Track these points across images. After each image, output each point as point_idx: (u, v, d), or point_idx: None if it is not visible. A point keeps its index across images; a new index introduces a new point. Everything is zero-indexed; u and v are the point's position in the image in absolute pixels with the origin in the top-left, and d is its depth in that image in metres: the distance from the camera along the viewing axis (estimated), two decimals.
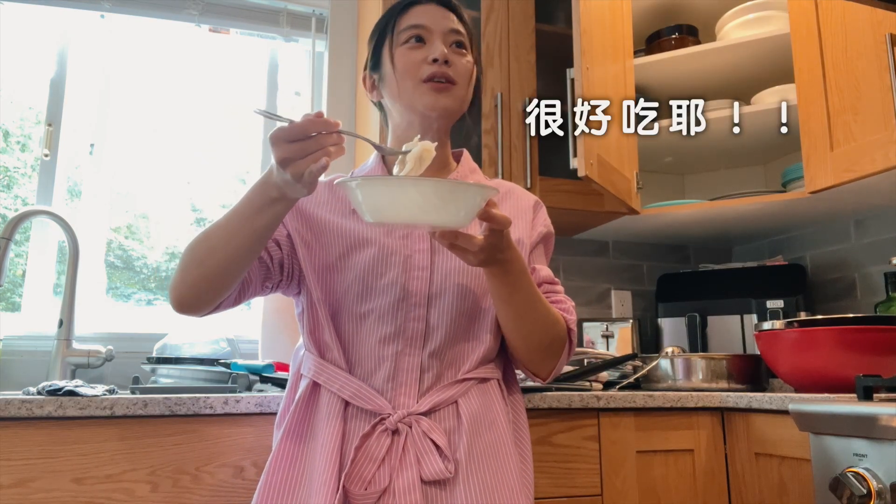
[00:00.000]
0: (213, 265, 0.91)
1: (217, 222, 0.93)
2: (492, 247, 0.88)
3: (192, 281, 0.93)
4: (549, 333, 1.01)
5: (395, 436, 0.93)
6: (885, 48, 1.48)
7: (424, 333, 0.99)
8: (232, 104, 2.19)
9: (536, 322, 0.99)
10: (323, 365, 0.99)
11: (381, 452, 0.91)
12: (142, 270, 2.05)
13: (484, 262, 0.90)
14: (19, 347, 1.72)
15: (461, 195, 0.82)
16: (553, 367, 1.05)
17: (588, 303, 2.28)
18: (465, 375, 0.99)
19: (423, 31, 1.07)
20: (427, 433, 0.93)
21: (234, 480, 1.17)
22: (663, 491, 1.44)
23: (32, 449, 1.09)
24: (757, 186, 2.31)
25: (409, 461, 0.91)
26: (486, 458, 0.95)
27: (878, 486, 1.00)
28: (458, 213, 0.82)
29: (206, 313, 0.98)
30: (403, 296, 0.99)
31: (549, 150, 1.98)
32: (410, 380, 0.97)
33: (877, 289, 1.89)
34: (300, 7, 2.15)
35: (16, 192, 1.97)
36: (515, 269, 0.94)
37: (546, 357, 1.04)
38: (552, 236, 1.18)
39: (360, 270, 1.00)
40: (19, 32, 1.98)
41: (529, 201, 1.16)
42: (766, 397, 1.36)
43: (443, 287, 1.01)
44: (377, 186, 0.84)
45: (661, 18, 2.19)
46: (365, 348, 0.99)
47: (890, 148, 1.49)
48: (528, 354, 1.03)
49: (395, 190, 0.83)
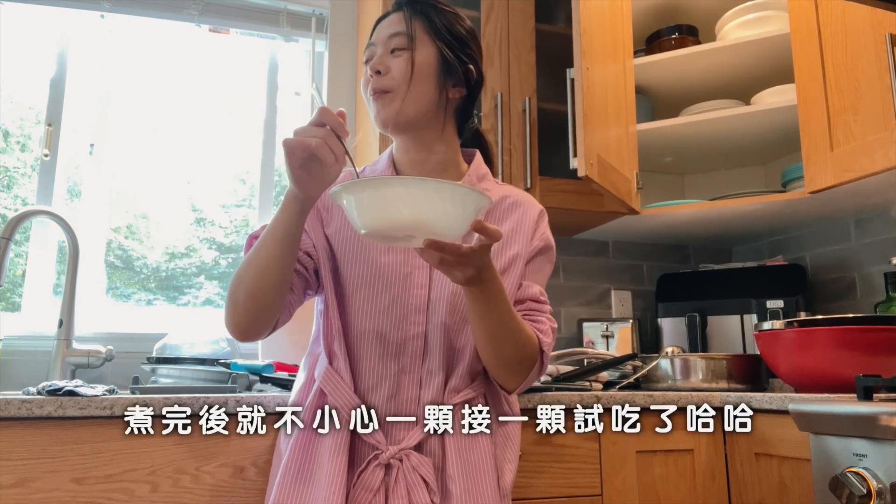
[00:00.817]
0: (253, 284, 0.96)
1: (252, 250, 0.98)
2: (479, 262, 0.87)
3: (243, 308, 0.98)
4: (519, 352, 1.02)
5: (387, 469, 0.98)
6: (885, 48, 1.48)
7: (423, 351, 1.03)
8: (232, 104, 2.19)
9: (508, 341, 1.00)
10: (330, 373, 1.03)
11: (376, 483, 0.98)
12: (142, 270, 2.05)
13: (470, 280, 0.89)
14: (19, 347, 1.72)
15: (464, 199, 0.79)
16: (519, 384, 1.07)
17: (588, 303, 2.29)
18: (452, 401, 1.02)
19: (372, 49, 1.09)
20: (416, 468, 0.98)
21: (234, 480, 1.17)
22: (663, 491, 1.44)
23: (32, 449, 1.08)
24: (757, 186, 2.31)
25: (401, 492, 0.97)
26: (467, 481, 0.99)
27: (878, 485, 1.00)
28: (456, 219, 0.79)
29: (268, 334, 1.03)
30: (404, 314, 1.03)
31: (549, 150, 1.98)
32: (410, 396, 1.02)
33: (877, 289, 1.89)
34: (300, 7, 2.16)
35: (16, 192, 1.97)
36: (493, 289, 0.93)
37: (514, 374, 1.05)
38: (550, 249, 1.16)
39: (364, 291, 1.04)
40: (19, 32, 1.98)
41: (535, 213, 1.15)
42: (766, 397, 1.36)
43: (438, 304, 1.04)
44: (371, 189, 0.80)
45: (661, 18, 2.19)
46: (367, 365, 1.03)
47: (890, 148, 1.49)
48: (497, 368, 1.04)
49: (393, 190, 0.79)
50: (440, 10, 1.10)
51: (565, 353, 1.73)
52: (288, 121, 2.17)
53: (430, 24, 1.07)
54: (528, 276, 1.12)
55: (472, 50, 1.12)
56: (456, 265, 0.86)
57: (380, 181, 0.82)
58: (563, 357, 1.71)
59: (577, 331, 2.20)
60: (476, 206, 0.81)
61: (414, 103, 1.05)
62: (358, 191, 0.80)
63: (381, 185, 0.80)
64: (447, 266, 0.87)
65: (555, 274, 2.26)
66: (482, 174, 1.16)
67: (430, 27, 1.07)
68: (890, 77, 1.47)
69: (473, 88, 1.13)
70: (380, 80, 1.05)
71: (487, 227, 0.83)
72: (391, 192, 0.78)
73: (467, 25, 1.13)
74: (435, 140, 1.10)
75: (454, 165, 1.13)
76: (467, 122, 1.16)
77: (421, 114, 1.06)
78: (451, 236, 0.82)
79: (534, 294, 1.10)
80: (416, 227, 0.80)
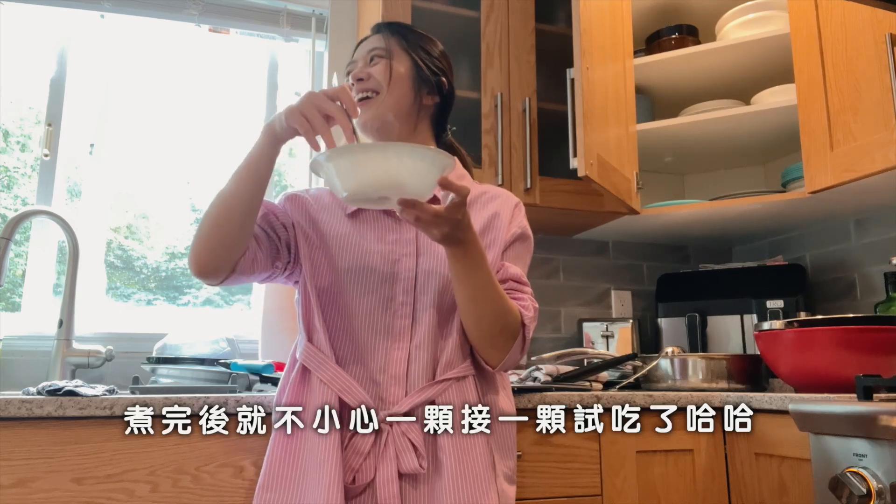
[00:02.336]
0: (220, 213, 1.01)
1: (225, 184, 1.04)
2: (452, 219, 0.93)
3: (205, 235, 1.01)
4: (500, 321, 1.06)
5: (377, 433, 1.01)
6: (885, 48, 1.48)
7: (411, 328, 1.08)
8: (232, 104, 2.19)
9: (489, 306, 1.04)
10: (311, 350, 1.07)
11: (366, 447, 1.01)
12: (142, 270, 2.05)
13: (446, 238, 0.96)
14: (19, 347, 1.72)
15: (429, 157, 0.89)
16: (502, 358, 1.09)
17: (588, 303, 2.29)
18: (444, 376, 1.06)
19: (353, 64, 1.21)
20: (405, 433, 1.01)
21: (234, 480, 1.17)
22: (663, 491, 1.44)
23: (32, 449, 1.09)
24: (757, 186, 2.31)
25: (389, 456, 1.00)
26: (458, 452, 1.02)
27: (878, 486, 1.01)
28: (425, 175, 0.88)
29: (223, 277, 1.04)
30: (392, 294, 1.08)
31: (549, 150, 1.98)
32: (400, 371, 1.06)
33: (877, 289, 1.89)
34: (300, 7, 2.16)
35: (16, 192, 1.97)
36: (473, 252, 1.00)
37: (496, 345, 1.07)
38: (528, 238, 1.21)
39: (353, 274, 1.09)
40: (19, 32, 1.98)
41: (511, 204, 1.21)
42: (766, 397, 1.36)
43: (426, 285, 1.10)
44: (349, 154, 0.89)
45: (661, 18, 2.19)
46: (357, 342, 1.07)
47: (890, 148, 1.49)
48: (479, 339, 1.08)
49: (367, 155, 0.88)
50: (414, 32, 1.24)
51: (565, 353, 1.73)
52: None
53: (404, 40, 1.21)
54: (506, 259, 1.16)
55: (444, 66, 1.24)
56: (431, 222, 0.92)
57: (355, 147, 0.92)
58: (563, 357, 1.71)
59: (577, 331, 2.20)
60: (440, 165, 0.90)
61: (393, 105, 1.16)
62: (336, 157, 0.89)
63: (357, 150, 0.90)
64: (424, 224, 0.93)
65: (555, 274, 2.26)
66: (460, 174, 1.22)
67: (405, 43, 1.20)
68: (890, 77, 1.47)
69: (446, 98, 1.24)
70: (362, 85, 1.16)
71: (452, 182, 0.90)
72: (364, 157, 0.88)
73: (440, 47, 1.26)
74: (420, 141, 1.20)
75: None
76: (443, 133, 1.26)
77: (399, 116, 1.17)
78: (420, 193, 0.90)
79: (515, 274, 1.15)
80: (390, 186, 0.89)
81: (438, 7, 1.94)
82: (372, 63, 1.18)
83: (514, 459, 1.15)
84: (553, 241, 2.26)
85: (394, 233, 1.12)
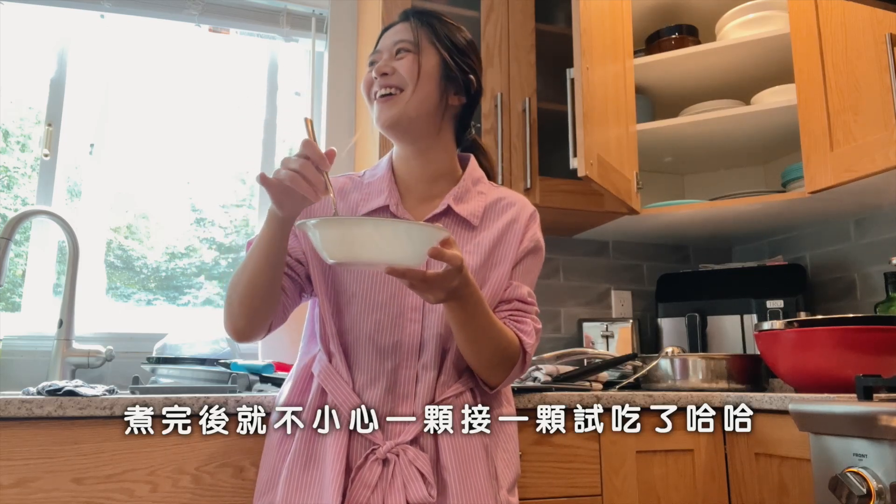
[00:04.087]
0: (245, 290, 1.02)
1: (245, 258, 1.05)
2: (447, 287, 0.92)
3: (238, 311, 1.04)
4: (499, 354, 1.06)
5: (385, 464, 1.00)
6: (885, 48, 1.48)
7: (419, 346, 1.06)
8: (232, 104, 2.19)
9: (488, 345, 1.04)
10: (330, 371, 1.06)
11: (374, 479, 0.99)
12: (142, 270, 2.05)
13: (442, 301, 0.95)
14: (19, 347, 1.71)
15: (422, 235, 0.88)
16: (501, 381, 1.09)
17: (588, 303, 2.29)
18: (442, 396, 1.05)
19: (378, 54, 1.13)
20: (413, 462, 1.00)
21: (234, 480, 1.17)
22: (663, 491, 1.44)
23: (32, 449, 1.09)
24: (757, 186, 2.31)
25: (398, 486, 0.98)
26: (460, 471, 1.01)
27: (878, 486, 1.00)
28: (413, 251, 0.88)
29: (264, 335, 1.09)
30: (400, 311, 1.06)
31: (549, 150, 1.98)
32: (407, 392, 1.04)
33: (877, 289, 1.89)
34: (300, 7, 2.15)
35: (16, 192, 1.97)
36: (472, 302, 0.98)
37: (495, 372, 1.08)
38: (540, 250, 1.19)
39: (361, 288, 1.07)
40: (19, 32, 1.98)
41: (526, 215, 1.17)
42: (766, 397, 1.36)
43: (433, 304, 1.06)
44: (333, 227, 0.89)
45: (661, 18, 2.19)
46: (364, 361, 1.06)
47: (890, 148, 1.49)
48: (478, 368, 1.07)
49: (351, 230, 0.88)
50: (443, 22, 1.16)
51: (565, 353, 1.73)
52: (288, 121, 2.17)
53: (434, 33, 1.13)
54: (518, 276, 1.14)
55: (473, 61, 1.17)
56: (424, 289, 0.92)
57: (345, 221, 0.92)
58: (563, 357, 1.71)
59: (577, 331, 2.20)
60: (430, 240, 0.88)
61: (417, 105, 1.09)
62: (325, 227, 0.89)
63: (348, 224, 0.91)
64: (416, 289, 0.93)
65: (555, 274, 2.26)
66: (476, 178, 1.18)
67: (434, 36, 1.13)
68: (890, 77, 1.47)
69: (473, 98, 1.17)
70: (387, 80, 1.09)
71: (444, 252, 0.89)
72: (355, 230, 0.88)
73: (468, 37, 1.18)
74: (432, 148, 1.14)
75: (450, 173, 1.17)
76: (466, 132, 1.20)
77: (422, 116, 1.10)
78: (410, 266, 0.89)
79: (521, 295, 1.13)
80: (378, 262, 0.89)
81: (438, 7, 1.94)
82: (398, 56, 1.10)
83: (517, 467, 1.13)
84: (553, 241, 2.26)
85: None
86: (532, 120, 1.92)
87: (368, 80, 1.12)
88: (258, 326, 1.06)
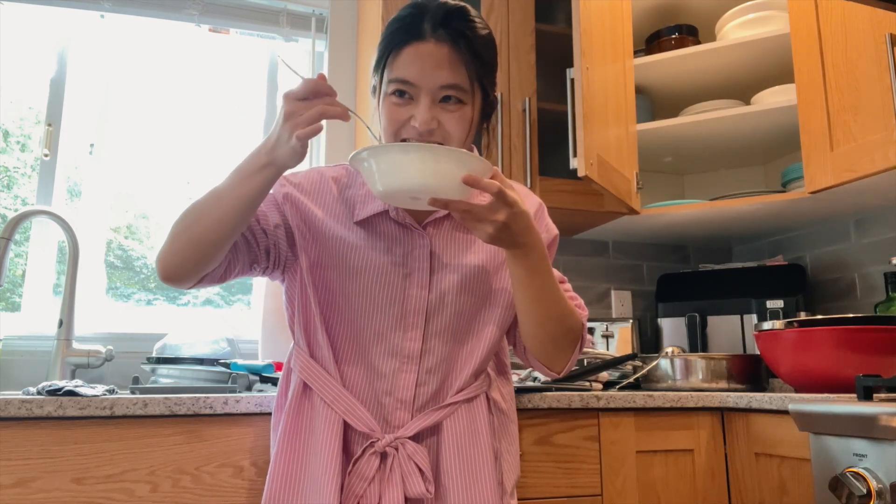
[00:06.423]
0: (199, 231, 0.92)
1: (208, 191, 0.95)
2: (492, 219, 0.89)
3: (179, 248, 0.94)
4: (564, 323, 1.03)
5: (383, 457, 0.99)
6: (885, 48, 1.49)
7: (421, 350, 1.03)
8: (232, 104, 2.19)
9: (553, 309, 1.01)
10: (312, 366, 1.03)
11: (371, 472, 0.97)
12: (142, 270, 2.05)
13: (495, 239, 0.91)
14: (19, 347, 1.72)
15: (470, 163, 0.87)
16: (567, 361, 1.08)
17: (588, 303, 2.28)
18: (453, 399, 1.03)
19: (408, 87, 0.96)
20: (411, 456, 0.98)
21: (234, 480, 1.17)
22: (663, 491, 1.44)
23: (32, 449, 1.09)
24: (757, 186, 2.31)
25: (395, 480, 0.97)
26: (465, 476, 1.00)
27: (878, 486, 1.00)
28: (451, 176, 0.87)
29: (191, 285, 0.98)
30: (402, 314, 1.02)
31: (549, 150, 1.98)
32: (407, 396, 1.02)
33: (877, 289, 1.89)
34: (300, 7, 2.16)
35: (16, 192, 1.97)
36: (535, 254, 0.95)
37: (561, 349, 1.06)
38: (556, 238, 1.18)
39: (360, 287, 1.02)
40: (19, 32, 1.98)
41: (533, 208, 1.14)
42: (766, 397, 1.36)
43: (440, 305, 1.03)
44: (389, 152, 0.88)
45: (661, 18, 2.19)
46: (364, 363, 1.02)
47: (890, 148, 1.49)
48: (544, 346, 1.05)
49: (405, 154, 0.87)
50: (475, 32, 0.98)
51: None
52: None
53: (481, 66, 0.98)
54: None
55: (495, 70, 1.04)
56: (471, 220, 0.90)
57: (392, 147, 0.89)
58: None
59: None
60: (471, 168, 0.87)
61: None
62: (377, 155, 0.88)
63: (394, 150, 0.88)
64: (464, 221, 0.90)
65: None
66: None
67: (480, 72, 0.99)
68: (890, 77, 1.47)
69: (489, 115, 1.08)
70: (431, 136, 0.96)
71: (479, 180, 0.86)
72: (402, 157, 0.87)
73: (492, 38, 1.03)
74: None
75: None
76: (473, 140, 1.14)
77: None
78: (452, 195, 0.88)
79: (556, 275, 1.10)
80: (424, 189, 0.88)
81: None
82: (443, 103, 0.96)
83: (518, 469, 1.12)
84: None
85: (403, 246, 1.04)
86: (532, 120, 1.92)
87: (396, 115, 0.97)
88: (192, 273, 0.95)
